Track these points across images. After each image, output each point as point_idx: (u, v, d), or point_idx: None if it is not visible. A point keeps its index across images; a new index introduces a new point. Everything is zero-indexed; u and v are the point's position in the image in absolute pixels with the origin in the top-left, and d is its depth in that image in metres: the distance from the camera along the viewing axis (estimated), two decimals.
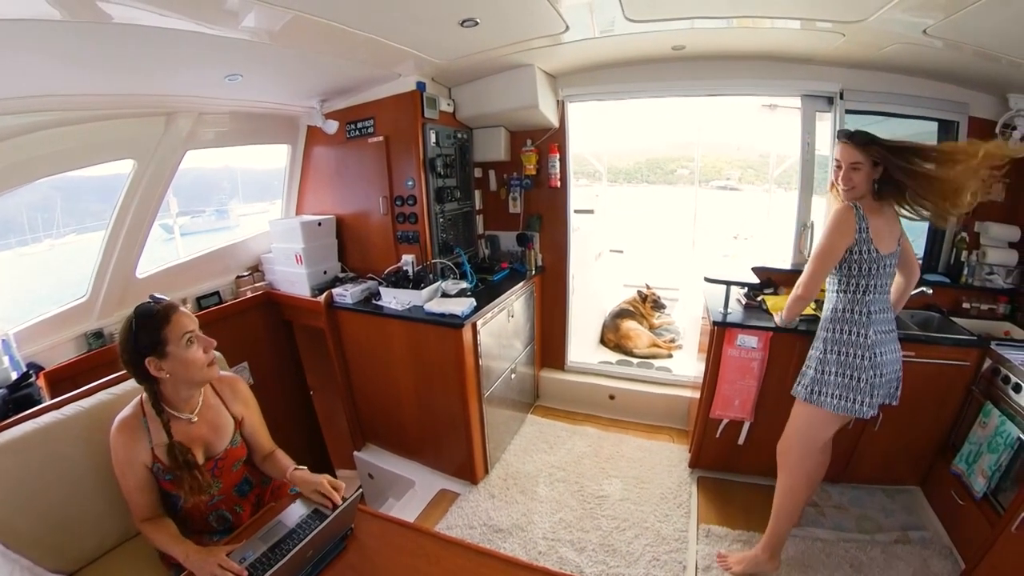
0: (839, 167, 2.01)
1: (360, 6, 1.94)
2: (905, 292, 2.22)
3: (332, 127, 3.19)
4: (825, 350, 2.12)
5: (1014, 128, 2.73)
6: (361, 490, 1.56)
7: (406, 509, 2.88)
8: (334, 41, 2.21)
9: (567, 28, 2.47)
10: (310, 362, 3.79)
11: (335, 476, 3.17)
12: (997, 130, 2.79)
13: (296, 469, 1.73)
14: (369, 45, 2.32)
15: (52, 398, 1.95)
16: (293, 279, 3.30)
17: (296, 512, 1.58)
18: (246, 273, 3.42)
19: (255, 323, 3.35)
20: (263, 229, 3.54)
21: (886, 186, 1.99)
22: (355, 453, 3.50)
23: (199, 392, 1.68)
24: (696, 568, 2.43)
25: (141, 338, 1.49)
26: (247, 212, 4.06)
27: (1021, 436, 2.12)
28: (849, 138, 1.98)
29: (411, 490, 3.05)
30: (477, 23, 2.24)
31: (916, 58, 2.59)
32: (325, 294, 3.09)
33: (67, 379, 2.30)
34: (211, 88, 2.51)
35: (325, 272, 3.36)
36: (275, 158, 3.57)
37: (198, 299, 3.09)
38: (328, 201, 3.56)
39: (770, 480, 2.52)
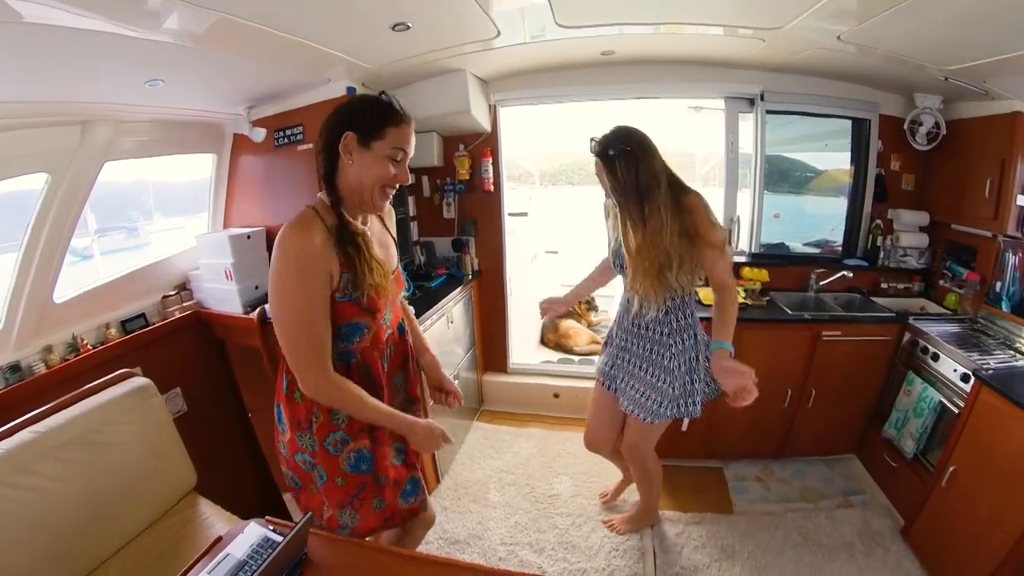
0: None
1: (289, 9, 1.87)
2: None
3: (260, 135, 3.05)
4: None
5: (920, 124, 2.96)
6: (311, 513, 1.49)
7: None
8: (261, 45, 2.12)
9: (498, 33, 2.47)
10: (247, 383, 3.59)
11: (282, 501, 3.03)
12: (905, 126, 3.01)
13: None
14: (298, 49, 2.24)
15: None
16: (223, 296, 3.10)
17: (245, 541, 1.48)
18: (173, 292, 3.21)
19: (185, 345, 3.14)
20: (188, 244, 3.34)
21: None
22: None
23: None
24: (654, 552, 2.51)
25: (365, 115, 1.38)
26: (166, 227, 3.78)
27: (943, 400, 2.31)
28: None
29: None
30: (409, 27, 2.21)
31: (831, 62, 2.77)
32: (258, 310, 2.93)
33: None
34: (131, 94, 2.34)
35: (257, 287, 3.17)
36: (195, 169, 3.38)
37: (122, 323, 2.85)
38: (257, 212, 3.39)
39: (715, 462, 2.91)
